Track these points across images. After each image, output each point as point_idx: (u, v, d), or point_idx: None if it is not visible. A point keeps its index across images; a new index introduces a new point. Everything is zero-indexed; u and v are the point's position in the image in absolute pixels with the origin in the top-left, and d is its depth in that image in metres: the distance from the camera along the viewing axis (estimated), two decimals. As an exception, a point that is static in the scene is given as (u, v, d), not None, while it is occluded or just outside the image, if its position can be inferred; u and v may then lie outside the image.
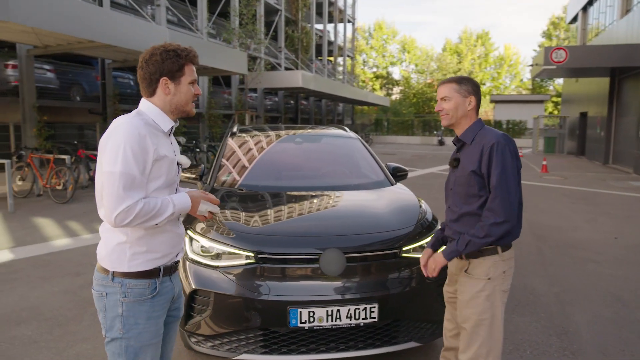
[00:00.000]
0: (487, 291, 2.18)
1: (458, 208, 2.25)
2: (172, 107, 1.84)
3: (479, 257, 2.20)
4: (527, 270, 5.16)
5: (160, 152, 1.75)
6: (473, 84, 2.25)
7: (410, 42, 57.62)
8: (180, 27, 17.39)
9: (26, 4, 7.83)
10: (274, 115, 26.73)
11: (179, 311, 2.02)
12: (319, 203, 3.44)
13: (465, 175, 2.20)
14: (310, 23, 30.26)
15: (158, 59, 1.78)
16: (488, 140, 2.15)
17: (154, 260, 1.80)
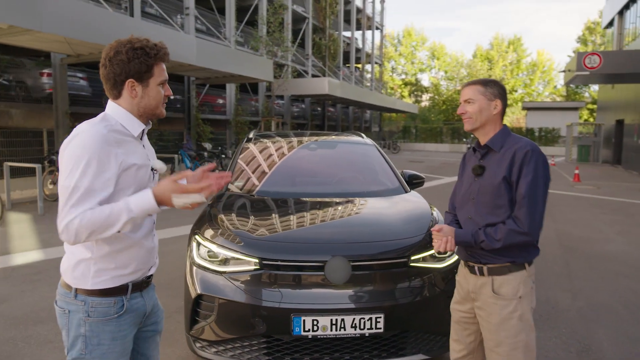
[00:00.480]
0: (519, 311, 2.02)
1: (482, 218, 2.08)
2: (140, 110, 1.68)
3: (506, 273, 2.04)
4: (550, 282, 4.97)
5: (128, 161, 1.60)
6: (499, 87, 2.12)
7: (439, 48, 57.08)
8: (209, 36, 17.72)
9: (59, 15, 8.13)
10: (301, 122, 26.87)
11: (157, 325, 1.90)
12: (329, 210, 3.40)
13: (494, 184, 2.04)
14: (338, 30, 30.36)
15: (124, 58, 1.60)
16: (521, 147, 2.02)
17: (121, 277, 1.67)
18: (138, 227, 1.70)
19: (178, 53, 11.52)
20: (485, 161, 2.13)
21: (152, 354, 1.91)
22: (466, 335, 2.23)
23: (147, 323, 1.84)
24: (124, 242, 1.66)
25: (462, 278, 2.24)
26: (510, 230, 1.97)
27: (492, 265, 2.07)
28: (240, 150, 4.35)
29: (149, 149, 1.81)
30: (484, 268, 2.09)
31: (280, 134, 4.92)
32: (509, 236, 1.97)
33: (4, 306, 4.08)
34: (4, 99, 10.91)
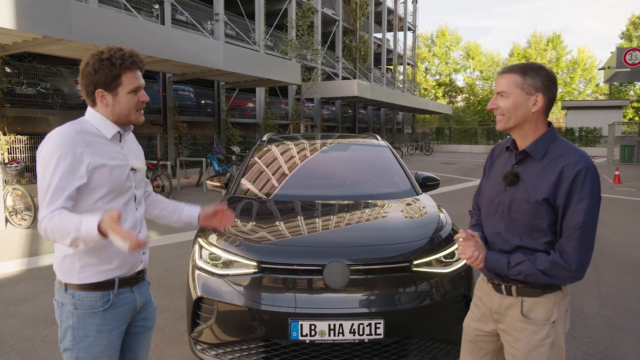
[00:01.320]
0: (551, 337, 1.74)
1: (515, 239, 1.76)
2: (114, 117, 1.74)
3: (539, 295, 1.74)
4: (576, 288, 4.74)
5: (96, 161, 1.67)
6: (544, 76, 1.69)
7: (474, 48, 55.92)
8: (239, 41, 17.98)
9: (88, 24, 8.42)
10: (331, 124, 26.87)
11: (148, 321, 1.95)
12: (334, 213, 3.35)
13: (531, 202, 1.70)
14: (368, 32, 30.23)
15: (91, 70, 1.67)
16: (572, 162, 1.65)
17: (106, 272, 1.73)
18: (121, 222, 1.73)
19: (206, 58, 11.74)
20: (522, 169, 1.76)
21: (140, 349, 1.96)
22: (481, 355, 1.98)
23: (138, 318, 1.90)
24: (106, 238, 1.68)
25: (485, 295, 1.92)
26: (554, 263, 1.66)
27: (521, 286, 1.77)
28: (252, 154, 4.37)
29: (132, 150, 1.88)
30: (513, 288, 1.78)
31: (294, 137, 4.91)
32: (552, 270, 1.67)
33: (26, 306, 4.23)
34: (42, 107, 11.39)
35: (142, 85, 1.76)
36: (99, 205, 1.70)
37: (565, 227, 1.67)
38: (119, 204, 1.76)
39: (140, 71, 1.77)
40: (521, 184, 1.75)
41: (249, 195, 3.80)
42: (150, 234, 7.16)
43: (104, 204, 1.71)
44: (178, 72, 13.58)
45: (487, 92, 52.37)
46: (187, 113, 15.90)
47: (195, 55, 11.30)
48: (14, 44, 8.95)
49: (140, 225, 1.89)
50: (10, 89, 10.61)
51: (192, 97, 16.24)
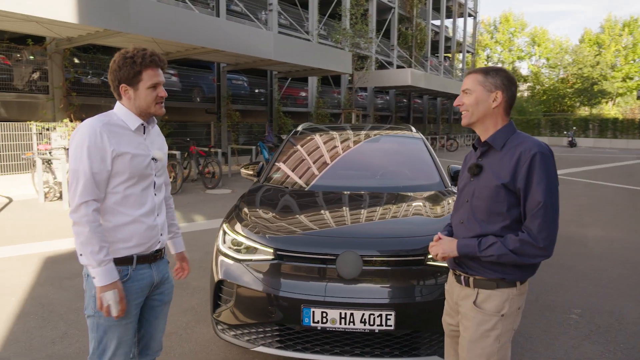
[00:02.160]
0: (498, 330, 1.84)
1: (475, 225, 1.89)
2: (137, 109, 1.94)
3: (493, 288, 1.85)
4: (619, 292, 4.50)
5: (120, 149, 1.87)
6: (504, 76, 1.87)
7: (541, 34, 53.02)
8: (292, 30, 18.15)
9: (145, 18, 8.86)
10: (385, 114, 26.58)
11: (165, 296, 2.14)
12: (355, 204, 3.38)
13: (490, 187, 1.83)
14: (426, 19, 29.47)
15: (115, 67, 1.89)
16: (527, 148, 1.79)
17: (126, 249, 1.93)
18: (139, 205, 1.96)
19: (257, 48, 11.98)
20: (484, 160, 1.92)
21: (157, 322, 2.16)
22: (460, 350, 2.06)
23: (156, 293, 2.10)
24: (124, 218, 1.92)
25: (449, 287, 2.08)
26: (523, 241, 1.75)
27: (479, 278, 1.89)
28: (286, 143, 4.47)
29: (154, 142, 2.07)
30: (470, 279, 1.91)
31: (329, 127, 4.96)
32: (522, 248, 1.75)
33: (78, 280, 4.60)
34: (106, 95, 12.12)
35: (161, 82, 1.95)
36: (118, 189, 1.90)
37: (529, 208, 1.78)
38: (138, 189, 1.96)
39: (162, 69, 1.96)
40: (484, 173, 1.90)
41: (277, 184, 3.90)
42: (197, 218, 7.50)
43: (124, 188, 1.91)
44: (231, 62, 13.96)
45: (553, 81, 49.62)
46: (241, 102, 16.34)
47: (247, 45, 11.57)
48: (79, 37, 9.59)
49: (159, 210, 2.08)
50: (76, 79, 11.38)
51: (245, 86, 16.64)
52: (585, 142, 34.59)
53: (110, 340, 1.92)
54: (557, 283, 4.73)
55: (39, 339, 3.39)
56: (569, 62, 48.48)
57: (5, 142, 9.28)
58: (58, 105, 10.88)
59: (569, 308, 4.10)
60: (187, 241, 6.06)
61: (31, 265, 5.04)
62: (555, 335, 3.56)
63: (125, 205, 1.92)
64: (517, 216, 1.83)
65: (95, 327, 1.92)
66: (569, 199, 10.02)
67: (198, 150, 11.20)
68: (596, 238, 6.67)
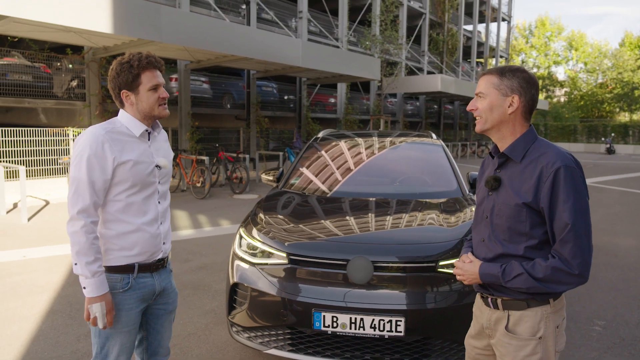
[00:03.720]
0: (538, 354, 1.65)
1: (497, 246, 1.71)
2: (140, 114, 1.92)
3: (523, 308, 1.67)
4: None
5: (122, 158, 1.85)
6: (522, 78, 1.67)
7: (578, 38, 51.50)
8: (322, 37, 18.30)
9: (176, 27, 9.16)
10: (415, 120, 26.38)
11: (169, 305, 2.12)
12: (370, 211, 3.41)
13: (511, 205, 1.65)
14: (457, 24, 29.15)
15: (114, 74, 1.87)
16: (550, 161, 1.60)
17: (127, 257, 1.91)
18: (142, 213, 1.95)
19: (286, 55, 12.16)
20: (503, 172, 1.73)
21: (163, 329, 2.16)
22: None
23: (159, 302, 2.09)
24: (127, 227, 1.91)
25: (477, 309, 1.90)
26: (555, 269, 1.57)
27: (507, 299, 1.71)
28: (306, 149, 4.53)
29: (160, 149, 2.05)
30: (498, 300, 1.73)
31: (351, 134, 5.00)
32: (554, 276, 1.58)
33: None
34: (140, 102, 12.55)
35: (160, 83, 1.93)
36: (120, 197, 1.89)
37: (557, 231, 1.59)
38: (140, 198, 1.94)
39: (160, 71, 1.94)
40: (503, 188, 1.71)
41: (295, 190, 3.97)
42: (223, 223, 7.66)
43: (126, 196, 1.90)
44: (261, 69, 14.20)
45: (591, 86, 48.07)
46: (270, 108, 16.58)
47: (275, 52, 11.76)
48: (114, 46, 10.00)
49: (163, 218, 2.05)
50: (112, 87, 11.81)
51: (274, 92, 16.88)
52: (624, 149, 33.33)
53: (113, 347, 1.93)
54: (582, 293, 4.60)
55: (65, 336, 3.55)
56: (608, 66, 46.87)
57: (43, 147, 9.73)
58: (94, 111, 11.33)
59: (592, 319, 3.99)
60: (212, 245, 6.22)
61: (63, 266, 5.27)
62: (576, 347, 3.48)
63: (127, 213, 1.91)
64: (542, 235, 1.65)
65: (97, 333, 1.93)
66: (602, 207, 9.70)
67: (226, 155, 11.42)
68: (628, 247, 6.44)
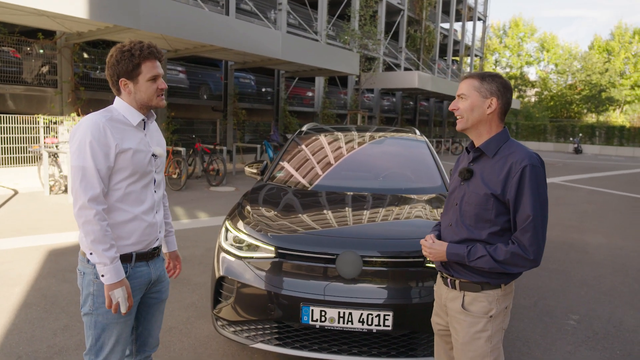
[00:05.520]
0: (488, 331, 1.87)
1: (463, 230, 1.91)
2: (137, 103, 1.92)
3: (478, 290, 1.89)
4: (622, 300, 4.50)
5: (123, 146, 1.84)
6: (500, 83, 1.87)
7: (550, 39, 52.75)
8: (301, 30, 18.19)
9: (155, 14, 8.93)
10: (391, 116, 26.57)
11: (161, 294, 2.13)
12: (357, 205, 3.41)
13: (480, 194, 1.86)
14: (435, 22, 29.44)
15: (114, 61, 1.86)
16: (518, 159, 1.80)
17: (124, 247, 1.90)
18: (140, 202, 1.95)
19: (265, 47, 12.02)
20: (476, 165, 1.94)
21: (154, 319, 2.16)
22: (448, 349, 2.12)
23: (152, 290, 2.09)
24: (125, 215, 1.91)
25: (437, 288, 2.12)
26: (514, 254, 1.79)
27: (464, 281, 1.93)
28: (290, 143, 4.50)
29: (154, 137, 2.04)
30: (456, 282, 1.95)
31: (334, 128, 4.99)
32: (513, 259, 1.79)
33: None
34: (114, 91, 12.22)
35: (160, 74, 1.92)
36: (119, 186, 1.88)
37: (519, 221, 1.80)
38: (139, 186, 1.93)
39: (159, 62, 1.93)
40: (474, 178, 1.91)
41: (280, 183, 3.94)
42: (200, 215, 7.55)
43: (125, 185, 1.89)
44: (239, 60, 14.01)
45: (561, 87, 49.38)
46: (247, 100, 16.40)
47: (255, 44, 11.62)
48: (89, 32, 9.68)
49: (158, 207, 2.05)
50: (85, 74, 11.47)
51: (252, 84, 16.71)
52: (591, 149, 34.43)
53: (109, 338, 1.91)
54: (556, 288, 4.74)
55: (40, 330, 3.44)
56: (578, 68, 48.24)
57: (12, 134, 9.38)
58: (66, 99, 10.98)
59: (567, 314, 4.11)
60: (190, 237, 6.13)
61: (35, 257, 5.10)
62: (552, 341, 3.58)
63: (125, 202, 1.90)
64: (504, 223, 1.85)
65: (92, 325, 1.90)
66: (571, 206, 10.00)
67: (203, 147, 11.25)
68: (597, 245, 6.66)
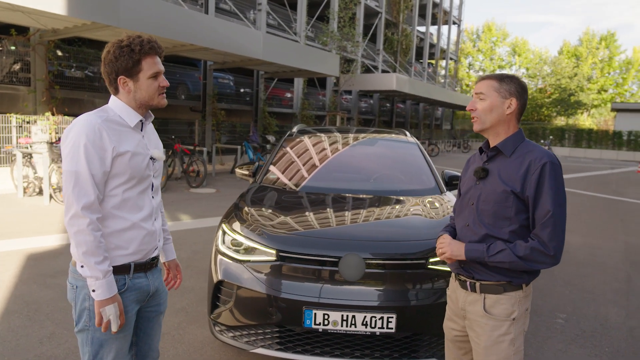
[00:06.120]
0: (511, 334, 1.85)
1: (482, 229, 1.89)
2: (136, 103, 1.78)
3: (500, 292, 1.87)
4: (605, 298, 4.62)
5: (120, 149, 1.72)
6: (518, 84, 1.89)
7: (522, 44, 54.10)
8: (280, 31, 18.11)
9: (135, 12, 8.73)
10: (368, 117, 26.73)
11: (160, 306, 2.00)
12: (355, 207, 3.40)
13: (498, 192, 1.85)
14: (411, 25, 29.77)
15: (112, 58, 1.72)
16: (537, 157, 1.81)
17: (123, 257, 1.78)
18: (138, 209, 1.82)
19: (246, 48, 11.91)
20: (492, 165, 1.93)
21: (154, 332, 2.03)
22: (462, 354, 2.09)
23: (151, 303, 1.95)
24: (123, 223, 1.77)
25: (452, 292, 2.08)
26: (534, 249, 1.78)
27: (485, 282, 1.90)
28: (282, 144, 4.46)
29: (151, 139, 1.91)
30: (477, 284, 1.91)
31: (324, 130, 4.97)
32: (532, 255, 1.78)
33: (62, 278, 4.49)
34: (89, 90, 11.89)
35: (161, 70, 1.80)
36: (116, 192, 1.75)
37: (538, 217, 1.80)
38: (136, 192, 1.81)
39: (160, 57, 1.81)
40: (490, 177, 1.91)
41: (274, 185, 3.89)
42: (183, 217, 7.41)
43: (122, 191, 1.76)
44: (219, 60, 13.84)
45: (532, 91, 50.64)
46: (226, 101, 16.22)
47: (235, 44, 11.50)
48: (65, 29, 9.39)
49: (157, 214, 1.93)
50: (60, 72, 11.13)
51: (231, 85, 16.53)
52: (561, 151, 35.40)
53: (107, 354, 1.78)
54: (542, 288, 4.83)
55: (25, 339, 3.30)
56: (548, 72, 49.58)
57: (-17, 134, 9.02)
58: (40, 98, 10.62)
59: (554, 312, 4.19)
60: (174, 240, 6.00)
61: (12, 263, 4.90)
62: (543, 339, 3.64)
63: (123, 209, 1.77)
64: (524, 221, 1.85)
65: (89, 342, 1.76)
66: (550, 207, 10.21)
67: (183, 148, 11.06)
68: (577, 245, 6.83)
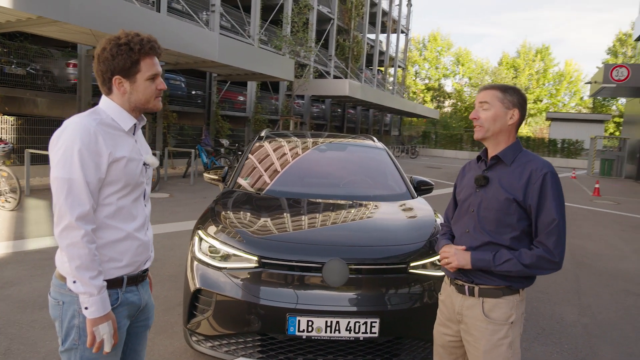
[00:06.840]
0: (510, 338, 1.88)
1: (483, 235, 1.92)
2: (131, 105, 1.67)
3: (498, 296, 1.89)
4: (558, 297, 4.89)
5: (116, 154, 1.61)
6: (520, 95, 1.93)
7: (465, 54, 56.44)
8: (233, 33, 17.88)
9: (85, 8, 8.32)
10: (320, 122, 26.90)
11: (148, 321, 1.89)
12: (332, 212, 3.41)
13: (500, 200, 1.88)
14: (362, 32, 30.32)
15: (108, 56, 1.59)
16: (538, 167, 1.86)
17: (115, 269, 1.66)
18: (132, 218, 1.71)
19: (201, 49, 11.65)
20: (491, 173, 1.96)
21: (141, 348, 1.92)
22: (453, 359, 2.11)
23: (140, 318, 1.84)
24: (117, 234, 1.66)
25: (447, 297, 2.08)
26: (540, 257, 1.82)
27: (485, 287, 1.92)
28: (251, 148, 4.39)
29: (142, 144, 1.80)
30: (475, 288, 1.93)
31: (293, 134, 4.95)
32: (539, 263, 1.82)
33: (13, 289, 4.19)
34: (31, 88, 11.18)
35: (159, 72, 1.69)
36: (110, 200, 1.64)
37: (543, 225, 1.84)
38: (130, 200, 1.70)
39: (158, 58, 1.71)
40: (491, 185, 1.95)
41: (245, 189, 3.82)
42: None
43: (117, 199, 1.65)
44: (172, 61, 13.45)
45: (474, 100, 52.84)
46: (177, 103, 15.78)
47: (190, 45, 11.22)
48: (7, 23, 8.78)
49: (148, 223, 1.83)
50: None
51: (183, 87, 16.10)
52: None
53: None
54: (501, 290, 5.03)
55: (-20, 355, 3.04)
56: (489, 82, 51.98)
57: None
58: (-24, 96, 9.88)
59: (516, 313, 4.38)
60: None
61: (-46, 273, 4.52)
62: (508, 339, 3.79)
63: (117, 218, 1.65)
64: (525, 228, 1.89)
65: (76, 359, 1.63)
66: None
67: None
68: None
